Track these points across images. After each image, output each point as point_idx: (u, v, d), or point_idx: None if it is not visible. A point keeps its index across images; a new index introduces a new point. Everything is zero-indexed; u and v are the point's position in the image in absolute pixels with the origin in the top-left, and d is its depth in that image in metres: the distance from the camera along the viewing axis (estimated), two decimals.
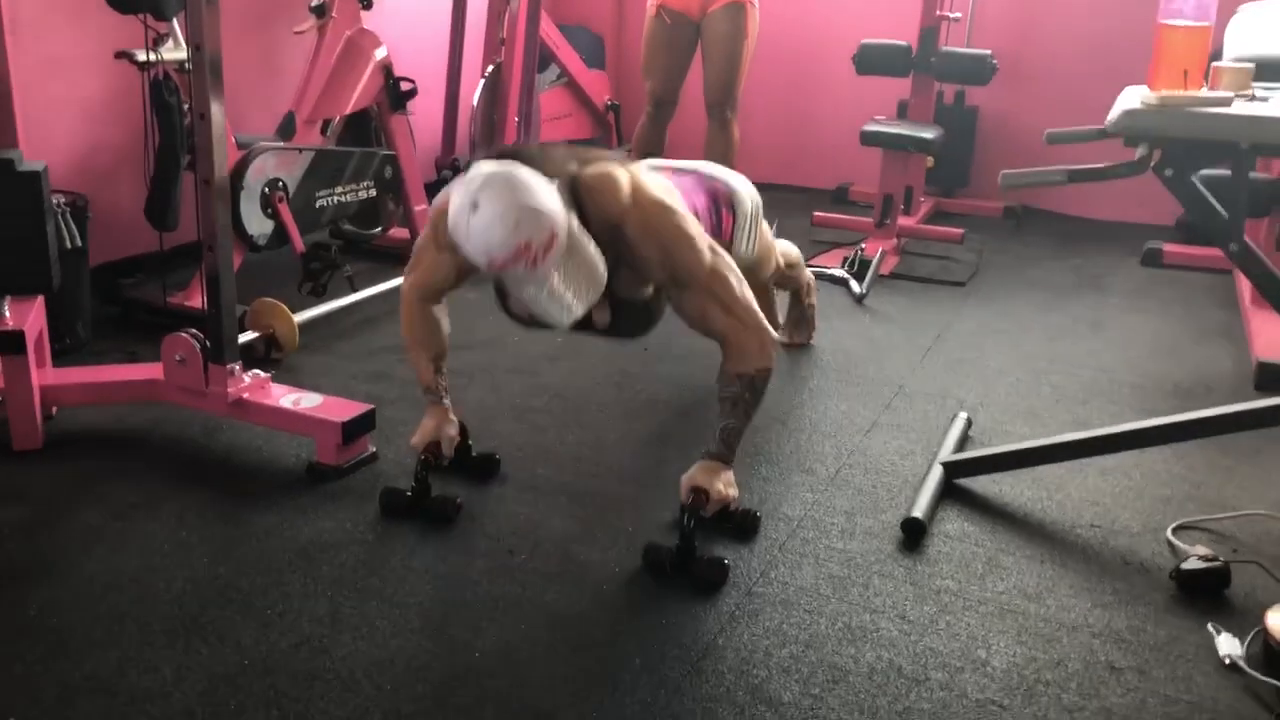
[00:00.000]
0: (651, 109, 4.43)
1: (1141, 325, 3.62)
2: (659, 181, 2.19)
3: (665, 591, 2.06)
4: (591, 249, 1.99)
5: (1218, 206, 2.14)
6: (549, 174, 1.98)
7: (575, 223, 1.97)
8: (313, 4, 3.62)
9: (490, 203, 1.89)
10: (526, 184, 1.91)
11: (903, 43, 4.49)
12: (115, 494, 2.35)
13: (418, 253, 2.37)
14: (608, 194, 2.05)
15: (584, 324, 2.23)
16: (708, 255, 2.13)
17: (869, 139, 4.24)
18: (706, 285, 2.13)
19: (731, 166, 4.39)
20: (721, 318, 2.15)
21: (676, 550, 2.10)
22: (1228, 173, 2.18)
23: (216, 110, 2.33)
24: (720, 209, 2.51)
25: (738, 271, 2.21)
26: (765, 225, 2.76)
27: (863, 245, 4.14)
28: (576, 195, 2.02)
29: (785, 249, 3.08)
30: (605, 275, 2.01)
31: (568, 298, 1.96)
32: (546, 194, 1.92)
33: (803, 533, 2.28)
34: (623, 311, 2.22)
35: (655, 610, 2.01)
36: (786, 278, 3.09)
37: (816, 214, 4.56)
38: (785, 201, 4.98)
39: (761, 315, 2.19)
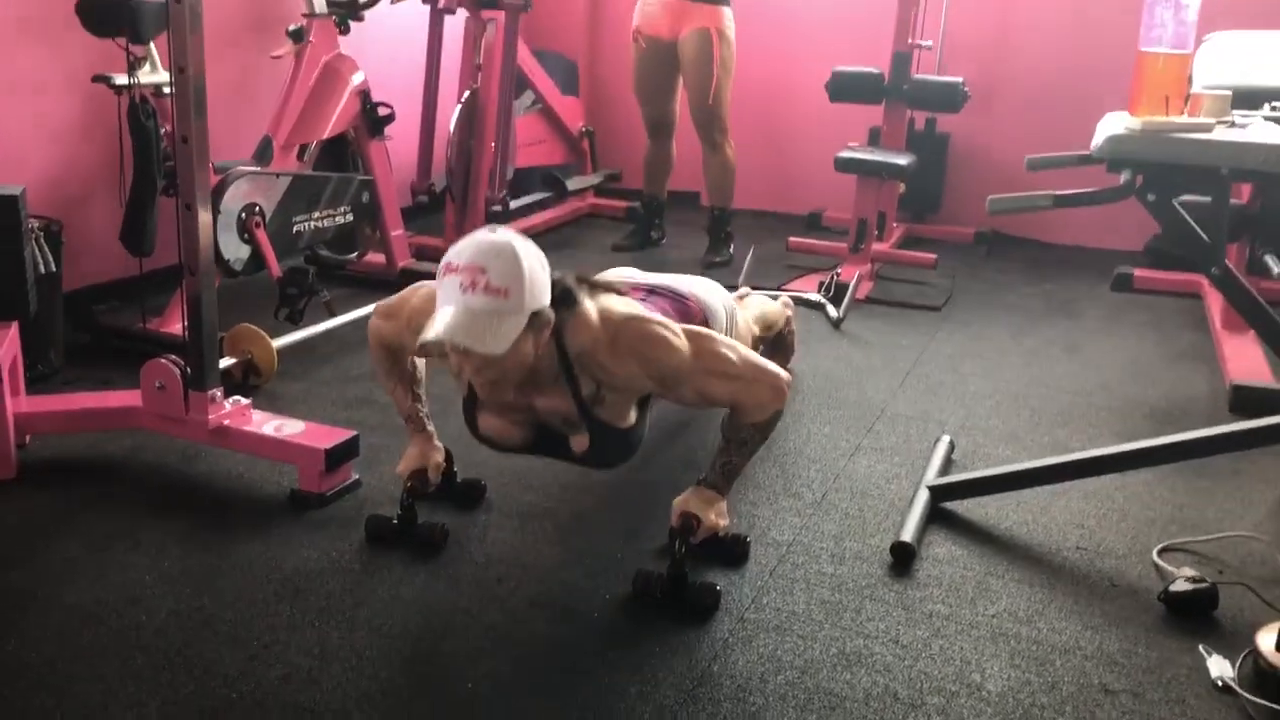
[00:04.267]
0: (648, 131, 4.53)
1: (1115, 349, 3.66)
2: (625, 302, 2.16)
3: (657, 618, 2.05)
4: (522, 353, 1.91)
5: (1199, 231, 2.17)
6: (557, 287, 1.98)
7: (543, 337, 1.95)
8: (290, 29, 3.61)
9: (503, 234, 1.89)
10: (536, 256, 1.91)
11: (875, 70, 4.53)
12: (93, 524, 2.30)
13: (394, 306, 2.28)
14: (580, 327, 2.02)
15: (561, 452, 2.19)
16: (685, 344, 2.08)
17: (844, 165, 4.27)
18: (698, 369, 2.09)
19: (729, 190, 4.51)
20: (725, 387, 2.12)
21: (668, 576, 2.09)
22: (1206, 199, 2.22)
23: (199, 134, 2.31)
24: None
25: (718, 335, 2.20)
26: (739, 315, 2.72)
27: (838, 270, 4.16)
28: (560, 328, 2.00)
29: (760, 314, 3.00)
30: (514, 362, 1.92)
31: (470, 334, 1.83)
32: (541, 278, 1.91)
33: (792, 558, 2.27)
34: (602, 439, 2.14)
35: (648, 637, 1.99)
36: (762, 339, 3.02)
37: (791, 239, 4.58)
38: (760, 227, 5.02)
39: (762, 361, 2.18)
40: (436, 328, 1.83)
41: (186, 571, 2.14)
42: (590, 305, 2.06)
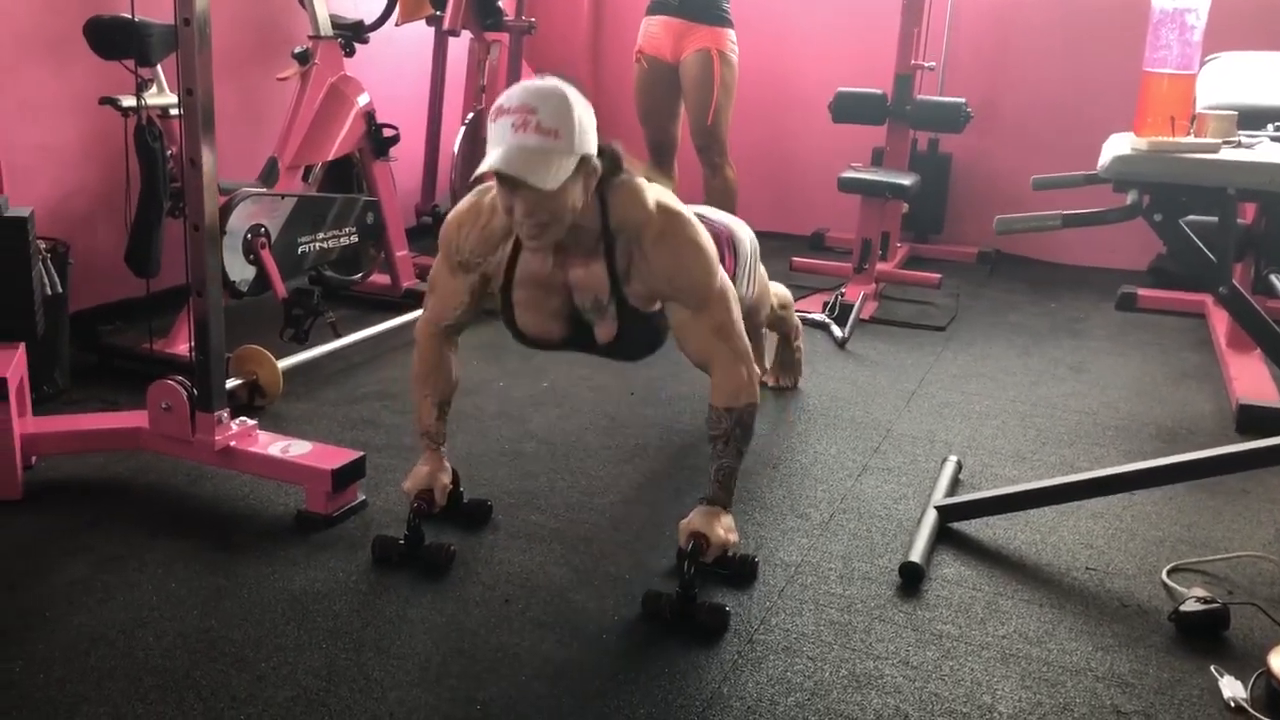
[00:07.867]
0: (650, 153, 4.52)
1: (1120, 368, 3.66)
2: (683, 206, 2.20)
3: (666, 639, 2.04)
4: (571, 196, 1.95)
5: (1206, 251, 2.17)
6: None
7: (590, 185, 1.99)
8: (295, 51, 3.62)
9: (552, 80, 1.93)
10: (584, 104, 1.94)
11: (878, 91, 4.55)
12: (100, 545, 2.30)
13: (431, 283, 2.35)
14: (632, 196, 2.07)
15: (587, 342, 2.22)
16: (717, 275, 2.14)
17: (847, 185, 4.28)
18: (709, 302, 2.13)
19: (732, 211, 4.46)
20: (715, 342, 2.16)
21: (677, 597, 2.08)
22: (1212, 219, 2.22)
23: (207, 156, 2.31)
24: (723, 251, 2.51)
25: (738, 301, 2.24)
26: (762, 268, 2.78)
27: (843, 290, 4.17)
28: (604, 192, 2.04)
29: (777, 290, 3.13)
30: (569, 198, 1.95)
31: (525, 167, 1.87)
32: (589, 124, 1.94)
33: (801, 578, 2.26)
34: (631, 325, 2.19)
35: (657, 659, 1.98)
36: (779, 319, 3.13)
37: (795, 259, 4.59)
38: (763, 247, 4.96)
39: (750, 353, 2.21)
40: (490, 160, 1.86)
41: (193, 593, 2.13)
42: (647, 186, 2.09)
